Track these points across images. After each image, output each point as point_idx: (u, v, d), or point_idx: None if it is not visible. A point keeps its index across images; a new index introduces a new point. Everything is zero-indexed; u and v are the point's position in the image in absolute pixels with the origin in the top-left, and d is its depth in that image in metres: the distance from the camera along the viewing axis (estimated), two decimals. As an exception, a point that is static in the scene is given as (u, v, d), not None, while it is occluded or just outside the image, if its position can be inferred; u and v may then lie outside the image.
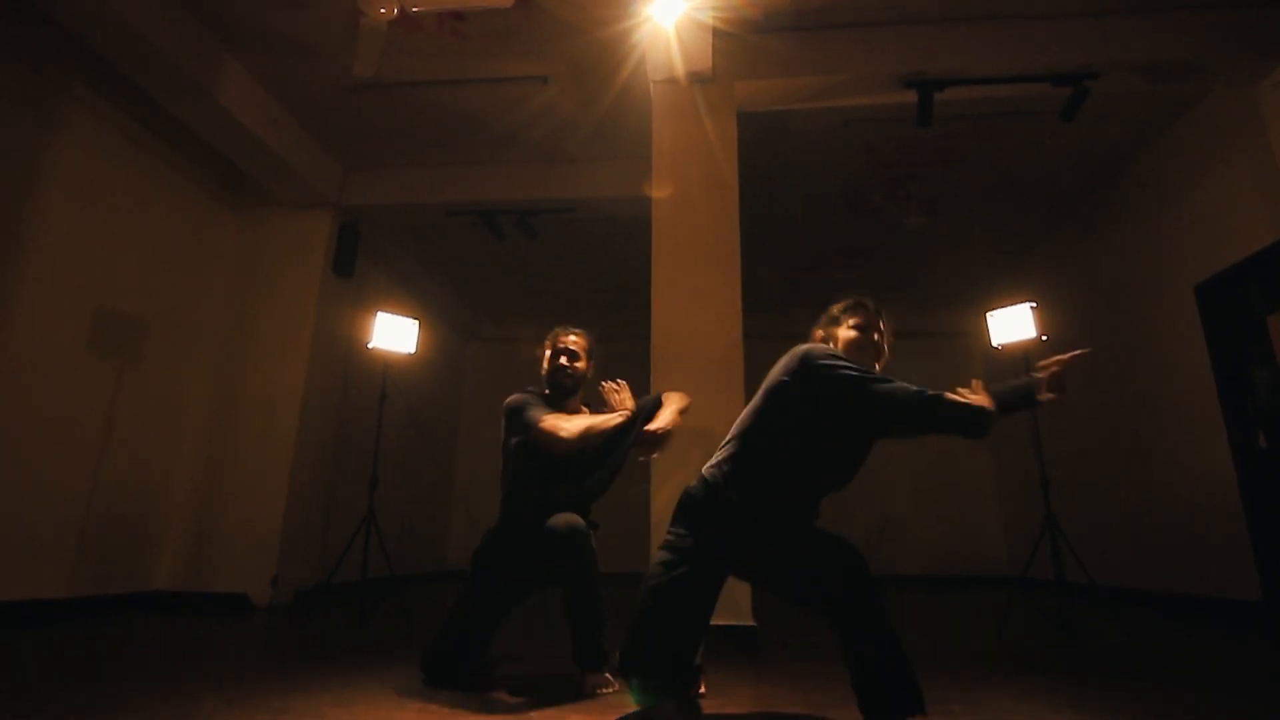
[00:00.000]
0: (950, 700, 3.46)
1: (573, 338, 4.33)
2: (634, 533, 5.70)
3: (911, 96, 6.55)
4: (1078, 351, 3.25)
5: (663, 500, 5.29)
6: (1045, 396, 3.22)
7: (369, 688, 3.35)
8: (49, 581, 6.29)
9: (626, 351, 9.97)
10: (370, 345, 7.03)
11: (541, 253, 10.36)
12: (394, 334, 7.13)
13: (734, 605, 5.15)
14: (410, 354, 7.31)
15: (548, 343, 4.36)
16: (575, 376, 4.27)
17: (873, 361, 3.52)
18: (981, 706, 3.34)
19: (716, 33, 6.28)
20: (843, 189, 9.11)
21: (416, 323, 7.32)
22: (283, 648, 4.88)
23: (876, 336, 3.57)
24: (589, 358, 4.36)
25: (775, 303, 12.63)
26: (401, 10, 5.39)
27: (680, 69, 6.36)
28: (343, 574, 7.07)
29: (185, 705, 2.91)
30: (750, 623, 5.22)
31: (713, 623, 4.55)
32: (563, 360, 4.25)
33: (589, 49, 6.75)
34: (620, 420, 3.90)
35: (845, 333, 3.55)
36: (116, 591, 7.00)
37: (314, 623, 6.25)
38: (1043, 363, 3.28)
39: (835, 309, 3.65)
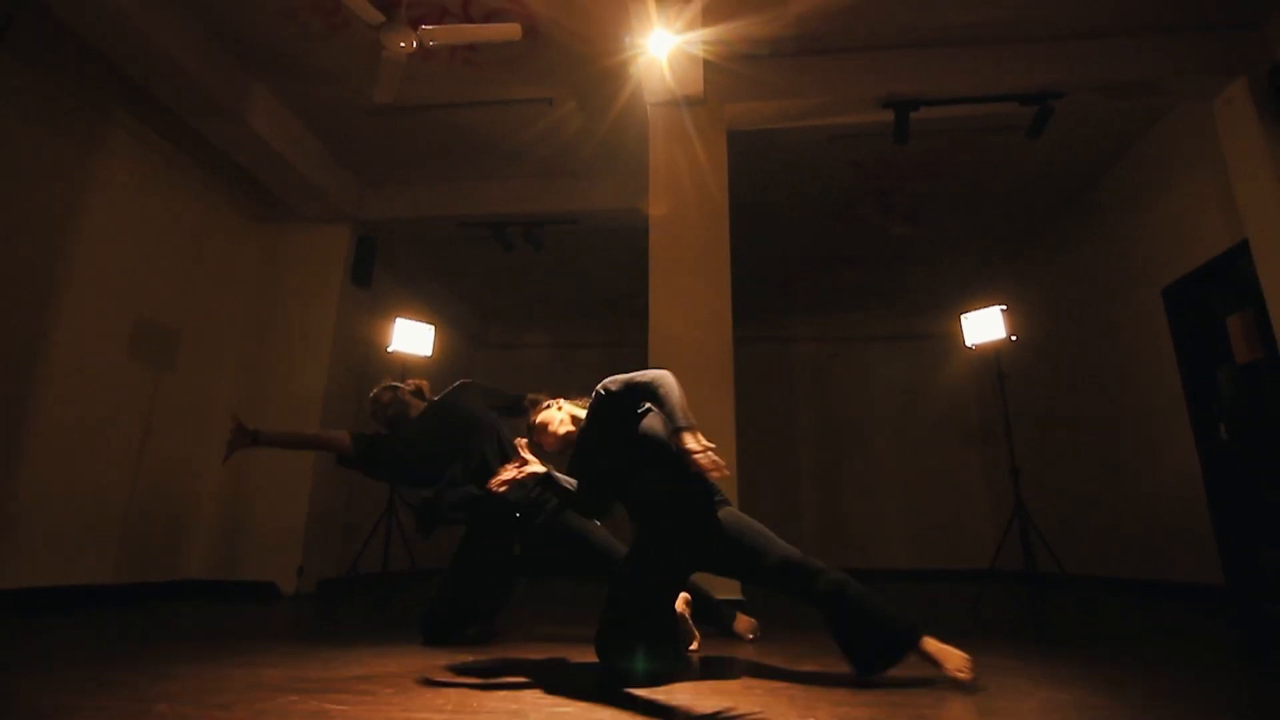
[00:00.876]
0: (925, 668, 3.79)
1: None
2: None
3: (889, 115, 6.89)
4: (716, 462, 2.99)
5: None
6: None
7: (388, 666, 3.53)
8: (97, 569, 6.71)
9: (626, 356, 10.37)
10: (390, 349, 7.43)
11: (546, 263, 10.70)
12: (412, 338, 7.54)
13: (726, 580, 5.41)
14: (426, 357, 7.70)
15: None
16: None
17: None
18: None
19: (706, 63, 6.65)
20: (829, 200, 9.42)
21: (432, 328, 7.71)
22: (310, 630, 5.13)
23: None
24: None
25: (767, 308, 13.01)
26: (420, 44, 5.81)
27: (675, 92, 6.77)
28: (364, 565, 7.46)
29: (219, 678, 3.16)
30: (740, 597, 5.59)
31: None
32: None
33: (591, 75, 7.15)
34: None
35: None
36: (155, 579, 7.39)
37: (338, 609, 6.56)
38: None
39: None
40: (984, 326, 7.06)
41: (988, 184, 9.02)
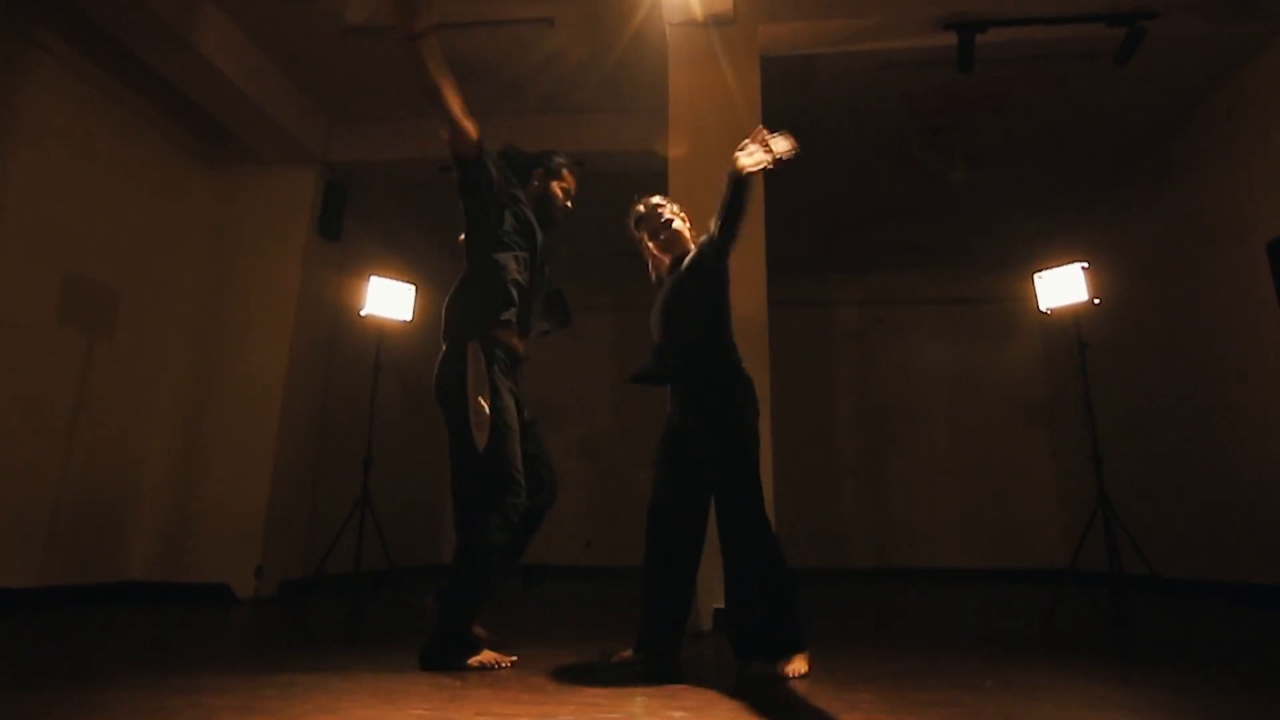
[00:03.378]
0: (983, 675, 3.72)
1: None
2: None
3: (951, 39, 6.70)
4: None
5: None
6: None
7: (362, 681, 3.56)
8: (16, 570, 6.54)
9: (641, 323, 10.22)
10: (363, 313, 7.24)
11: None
12: (389, 300, 7.34)
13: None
14: (406, 322, 7.52)
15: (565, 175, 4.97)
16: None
17: None
18: (1015, 681, 3.57)
19: (738, -31, 6.48)
20: (878, 141, 9.25)
21: (413, 288, 7.53)
22: (268, 641, 5.10)
23: None
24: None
25: (806, 267, 12.83)
26: (397, -51, 5.62)
27: (699, 11, 6.57)
28: (333, 565, 7.32)
29: (156, 701, 3.10)
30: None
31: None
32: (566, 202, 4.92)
33: (600, -12, 6.95)
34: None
35: None
36: (89, 581, 7.26)
37: (303, 615, 6.48)
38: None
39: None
40: (1062, 287, 6.90)
41: (1064, 122, 8.82)
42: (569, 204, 4.88)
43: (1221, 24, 6.72)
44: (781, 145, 3.86)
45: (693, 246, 4.47)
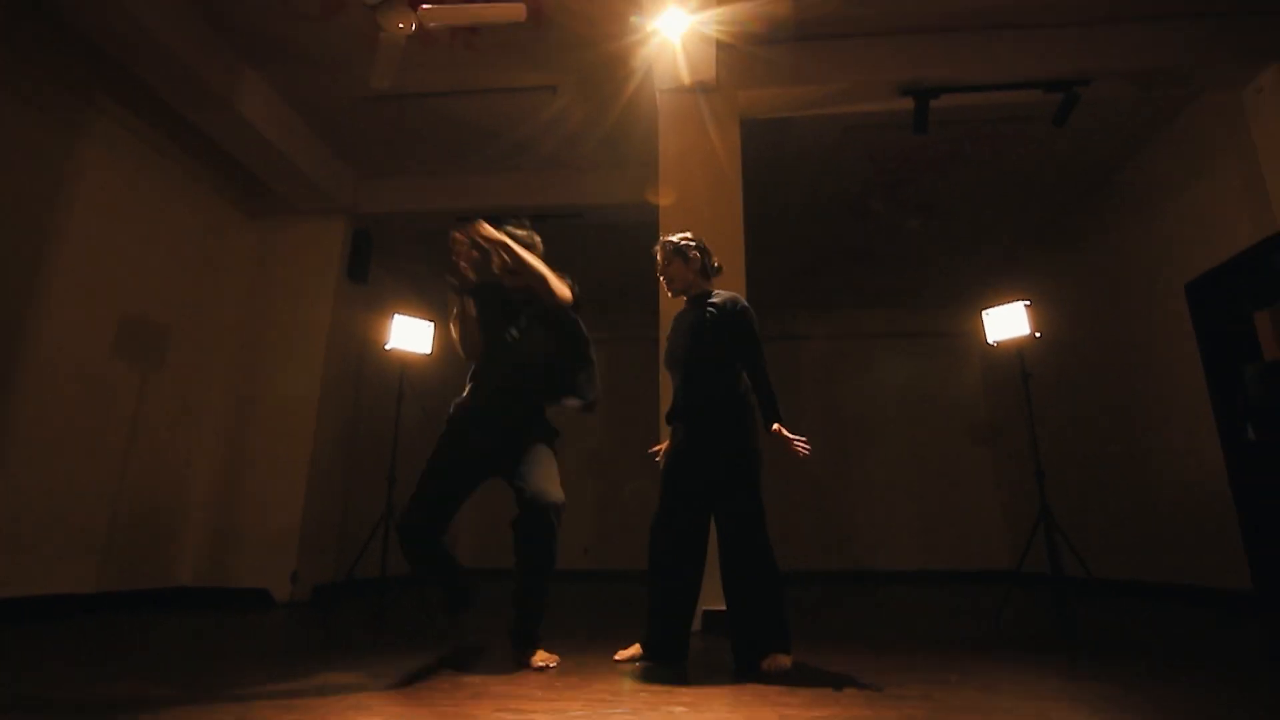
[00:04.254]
0: (946, 671, 3.68)
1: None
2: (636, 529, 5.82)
3: (908, 104, 6.73)
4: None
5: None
6: None
7: (389, 679, 3.53)
8: (79, 577, 6.49)
9: (635, 352, 10.14)
10: (388, 347, 7.20)
11: (549, 257, 10.40)
12: (411, 335, 7.30)
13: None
14: (426, 355, 7.47)
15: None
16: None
17: None
18: (974, 677, 3.53)
19: (720, 45, 6.47)
20: (843, 192, 9.25)
21: (432, 324, 7.49)
22: (304, 642, 5.04)
23: None
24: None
25: (776, 302, 12.80)
26: (419, 25, 5.59)
27: (686, 78, 6.56)
28: (361, 570, 7.25)
29: (208, 693, 3.10)
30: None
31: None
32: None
33: (597, 60, 6.94)
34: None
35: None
36: (142, 587, 7.18)
37: (334, 618, 6.41)
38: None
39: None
40: (1007, 323, 6.87)
41: (1007, 175, 8.85)
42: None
43: (1147, 89, 6.74)
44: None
45: (695, 278, 4.49)
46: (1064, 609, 5.88)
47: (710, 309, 4.25)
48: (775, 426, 4.01)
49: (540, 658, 3.92)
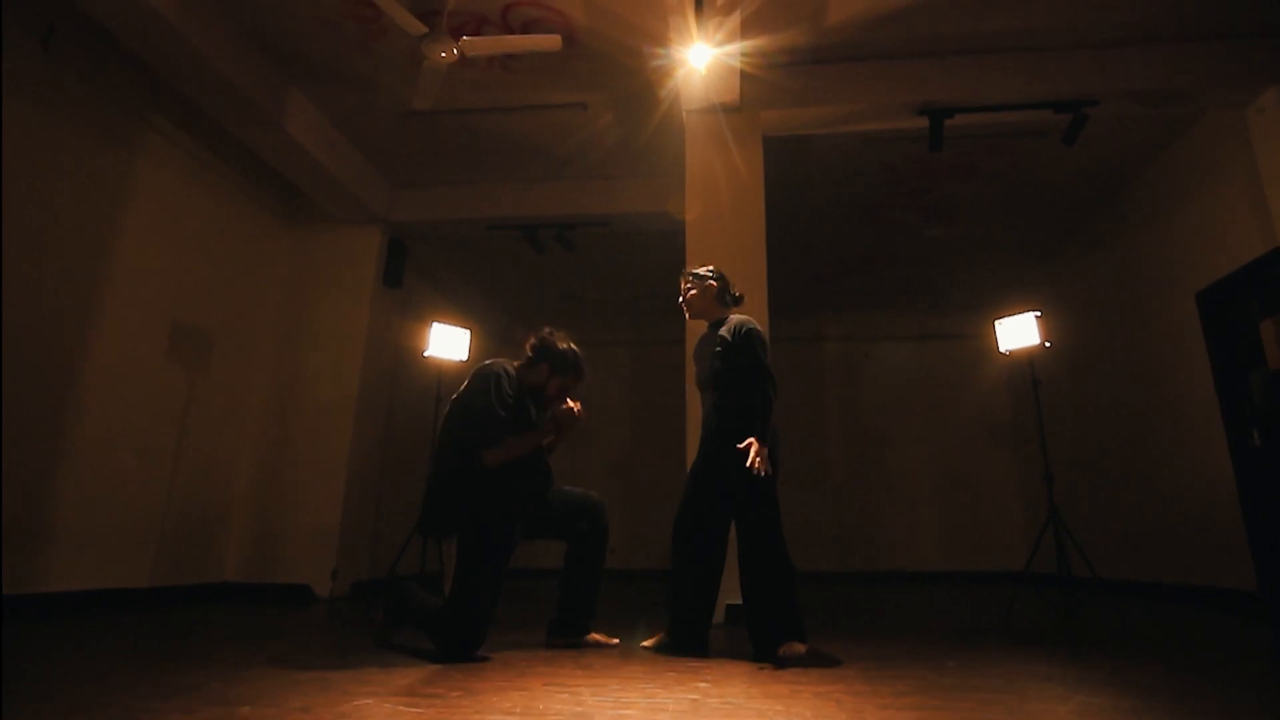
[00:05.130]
0: (947, 658, 4.09)
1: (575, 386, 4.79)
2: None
3: (923, 122, 7.07)
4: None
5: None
6: None
7: (444, 671, 3.93)
8: (133, 572, 6.93)
9: (662, 355, 10.52)
10: (426, 354, 7.60)
11: (578, 264, 10.86)
12: (448, 343, 7.70)
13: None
14: (463, 362, 7.84)
15: (564, 374, 4.68)
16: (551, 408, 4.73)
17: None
18: (971, 665, 3.89)
19: (743, 72, 6.85)
20: (862, 202, 9.59)
21: (469, 332, 7.87)
22: (354, 633, 5.39)
23: None
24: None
25: (799, 307, 13.19)
26: (460, 54, 6.01)
27: (710, 101, 6.98)
28: (401, 567, 7.64)
29: (291, 682, 3.48)
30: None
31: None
32: (563, 396, 4.68)
33: (628, 83, 7.37)
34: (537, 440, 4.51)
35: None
36: (190, 582, 7.61)
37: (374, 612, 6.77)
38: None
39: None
40: (1018, 333, 7.20)
41: (1020, 187, 9.16)
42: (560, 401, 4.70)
43: (1152, 108, 7.05)
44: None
45: (712, 305, 4.82)
46: (1068, 607, 6.22)
47: (722, 336, 4.55)
48: (749, 440, 4.14)
49: (600, 636, 4.59)
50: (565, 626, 4.65)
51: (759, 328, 4.53)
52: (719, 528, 4.54)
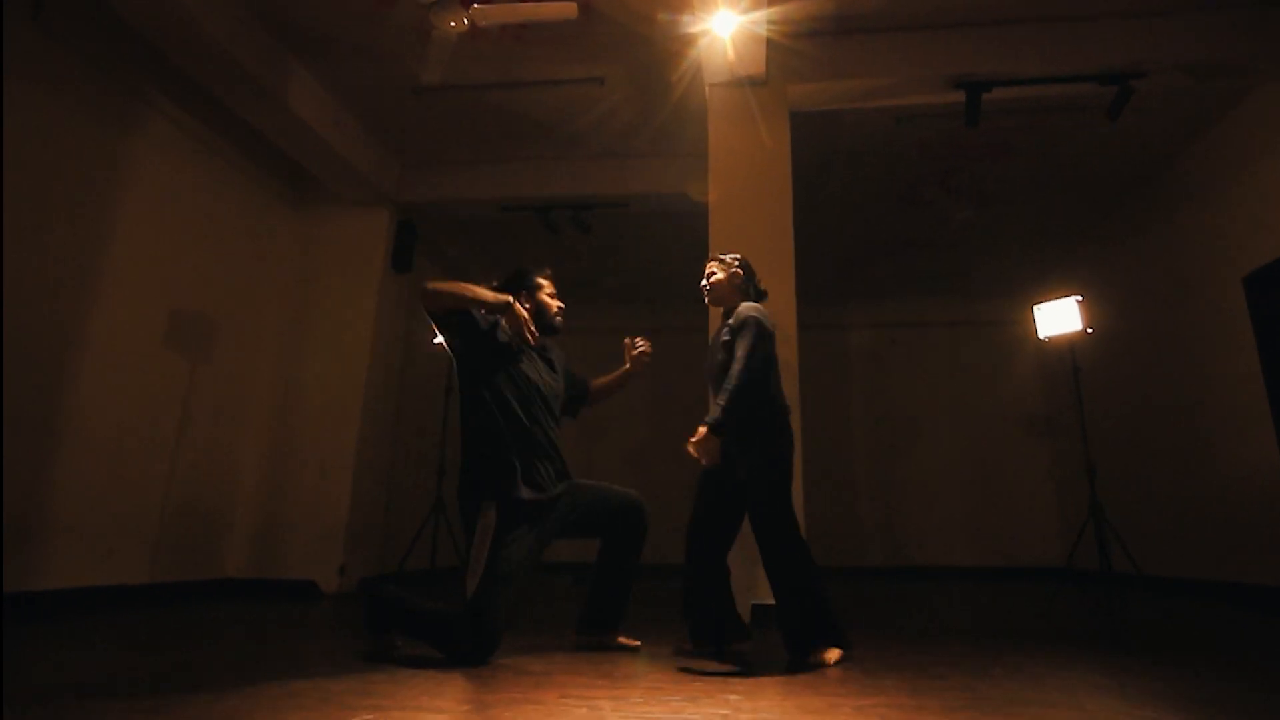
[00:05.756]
0: (991, 665, 3.91)
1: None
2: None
3: (959, 96, 6.88)
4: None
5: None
6: None
7: (452, 669, 3.79)
8: (132, 568, 6.79)
9: (681, 342, 10.35)
10: (436, 341, 7.43)
11: (595, 247, 10.74)
12: (459, 329, 7.52)
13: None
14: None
15: (545, 284, 4.90)
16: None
17: None
18: (1022, 672, 3.74)
19: (769, 41, 6.64)
20: (894, 182, 9.43)
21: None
22: (353, 632, 5.25)
23: None
24: None
25: (827, 294, 13.00)
26: (471, 23, 5.83)
27: (736, 73, 6.80)
28: (411, 562, 7.52)
29: (256, 683, 3.37)
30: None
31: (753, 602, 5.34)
32: (554, 295, 4.94)
33: (647, 55, 7.17)
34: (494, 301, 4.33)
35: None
36: (192, 578, 7.49)
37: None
38: None
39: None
40: (1058, 318, 7.02)
41: (1060, 166, 8.98)
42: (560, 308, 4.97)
43: (1203, 80, 6.85)
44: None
45: (732, 293, 4.68)
46: (1112, 605, 6.06)
47: (730, 326, 4.43)
48: (699, 428, 4.15)
49: (624, 639, 4.49)
50: (594, 625, 4.56)
51: (763, 317, 4.36)
52: (728, 527, 4.48)
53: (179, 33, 6.21)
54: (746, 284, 4.71)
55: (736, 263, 4.75)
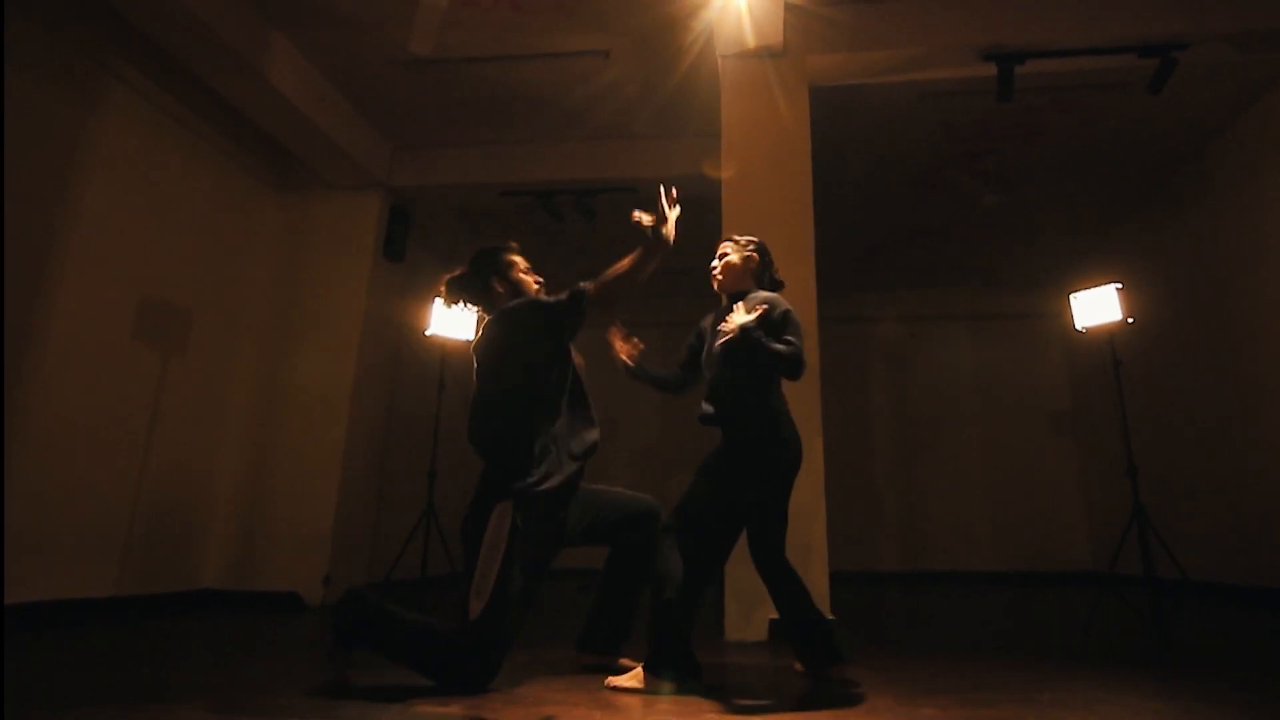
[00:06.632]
0: (1038, 689, 3.64)
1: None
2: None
3: (990, 69, 6.64)
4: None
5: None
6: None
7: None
8: (95, 580, 6.51)
9: (688, 338, 10.12)
10: (428, 333, 7.20)
11: (601, 235, 10.45)
12: (452, 321, 7.29)
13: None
14: (469, 341, 7.46)
15: (517, 261, 4.68)
16: None
17: None
18: (1071, 696, 3.49)
19: (788, 6, 6.42)
20: (917, 165, 9.22)
21: (477, 309, 7.46)
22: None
23: None
24: None
25: (843, 285, 12.77)
26: (462, -14, 5.59)
27: (751, 43, 6.53)
28: (400, 571, 7.27)
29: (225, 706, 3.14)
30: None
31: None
32: (538, 283, 4.66)
33: (654, 23, 6.91)
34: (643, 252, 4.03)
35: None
36: (164, 590, 7.22)
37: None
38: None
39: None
40: (1096, 308, 6.77)
41: (1093, 147, 8.76)
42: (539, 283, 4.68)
43: (1250, 52, 6.62)
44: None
45: (744, 278, 4.43)
46: (1159, 617, 5.80)
47: (761, 315, 4.01)
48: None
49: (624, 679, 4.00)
50: (597, 640, 4.28)
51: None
52: (726, 533, 4.12)
53: (145, -3, 5.94)
54: (762, 271, 4.46)
55: (752, 246, 4.49)
